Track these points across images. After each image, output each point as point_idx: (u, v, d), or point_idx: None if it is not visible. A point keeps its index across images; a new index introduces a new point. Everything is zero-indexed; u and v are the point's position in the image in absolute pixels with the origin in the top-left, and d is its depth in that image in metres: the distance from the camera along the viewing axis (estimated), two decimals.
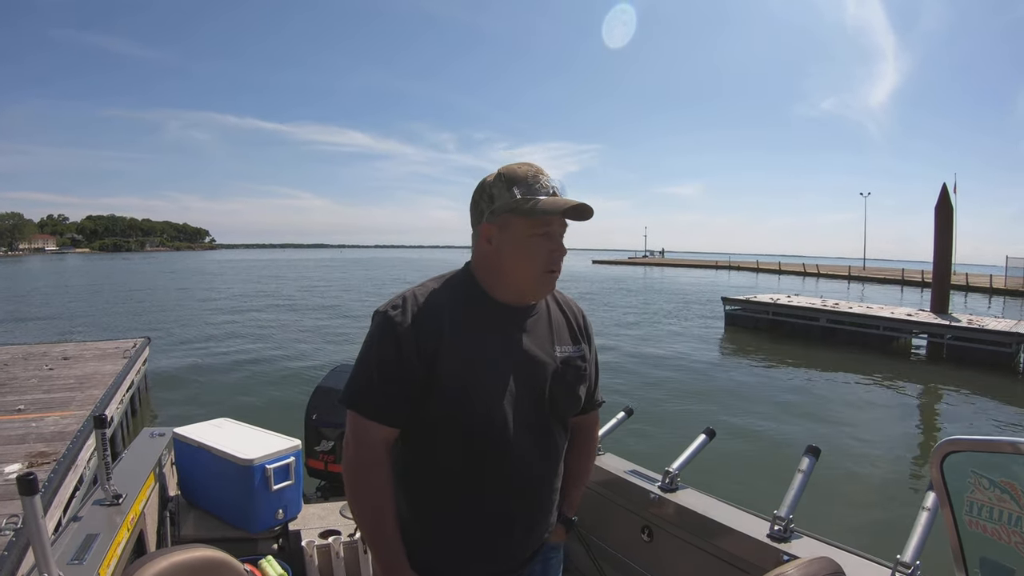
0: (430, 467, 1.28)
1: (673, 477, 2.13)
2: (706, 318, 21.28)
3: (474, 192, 1.33)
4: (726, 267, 65.47)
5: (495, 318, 1.30)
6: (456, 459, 1.25)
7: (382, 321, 1.24)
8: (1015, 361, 13.07)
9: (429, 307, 1.24)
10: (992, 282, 36.10)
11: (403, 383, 1.21)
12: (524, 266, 1.27)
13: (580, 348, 1.40)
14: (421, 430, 1.25)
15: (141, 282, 40.67)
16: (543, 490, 1.34)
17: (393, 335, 1.21)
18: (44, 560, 1.37)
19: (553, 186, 1.27)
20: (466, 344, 1.24)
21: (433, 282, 1.31)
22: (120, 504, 1.99)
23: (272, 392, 10.16)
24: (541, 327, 1.35)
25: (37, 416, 5.70)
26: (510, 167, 1.29)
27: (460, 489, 1.27)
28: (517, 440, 1.26)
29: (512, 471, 1.27)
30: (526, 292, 1.31)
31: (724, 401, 10.06)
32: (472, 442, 1.24)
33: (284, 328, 17.87)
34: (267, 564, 2.30)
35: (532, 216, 1.24)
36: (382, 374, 1.21)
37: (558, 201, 1.25)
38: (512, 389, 1.26)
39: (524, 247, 1.26)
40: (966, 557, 1.01)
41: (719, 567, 1.88)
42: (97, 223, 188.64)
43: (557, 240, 1.28)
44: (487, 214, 1.28)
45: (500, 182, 1.27)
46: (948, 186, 16.87)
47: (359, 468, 1.23)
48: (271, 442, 2.59)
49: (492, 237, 1.28)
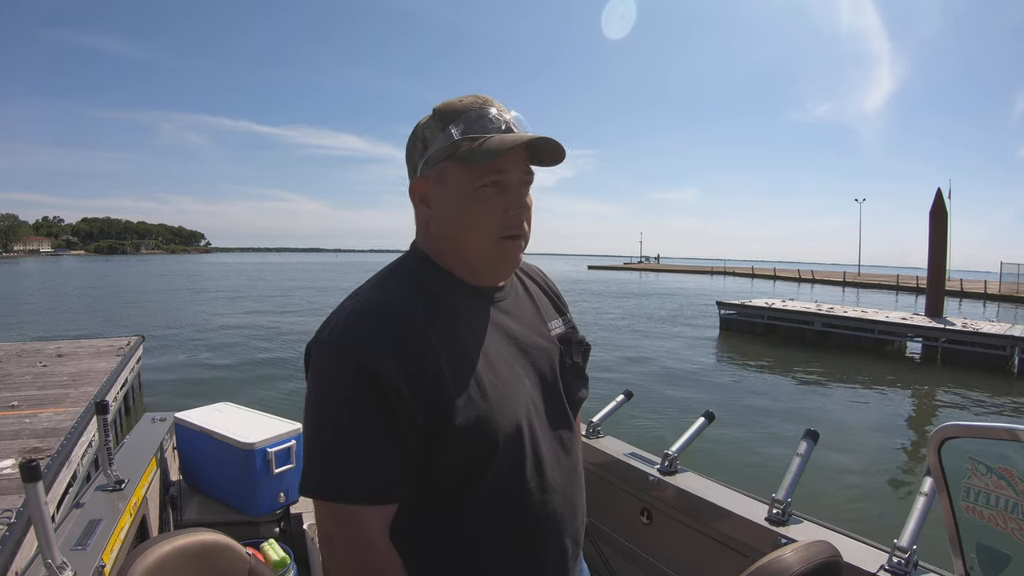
0: (452, 533, 0.90)
1: (672, 460, 2.13)
2: (701, 323, 21.30)
3: (408, 140, 0.99)
4: (721, 273, 65.74)
5: (475, 306, 0.98)
6: (488, 511, 0.90)
7: (340, 357, 0.84)
8: (1009, 364, 13.13)
9: (399, 316, 0.87)
10: (986, 287, 36.33)
11: (402, 437, 0.84)
12: (470, 233, 0.93)
13: (568, 318, 1.15)
14: (426, 490, 0.89)
15: (136, 284, 40.53)
16: (579, 499, 1.04)
17: (367, 373, 0.82)
18: (47, 545, 1.37)
19: (508, 120, 0.93)
20: (464, 350, 0.91)
21: (382, 281, 0.95)
22: (122, 489, 1.99)
23: (271, 381, 10.17)
24: (524, 306, 1.07)
25: (31, 412, 5.64)
26: (448, 101, 0.95)
27: (503, 546, 0.92)
28: (548, 460, 0.97)
29: (555, 497, 0.96)
30: (479, 269, 0.97)
31: (722, 399, 10.02)
32: (505, 483, 0.91)
33: (282, 328, 17.82)
34: (269, 547, 2.29)
35: (474, 161, 0.89)
36: (364, 435, 0.83)
37: (508, 137, 0.90)
38: (529, 395, 0.97)
39: (466, 206, 0.92)
40: (962, 542, 1.02)
41: (717, 549, 1.89)
42: (92, 225, 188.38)
43: (515, 193, 0.93)
44: (420, 165, 0.95)
45: (434, 121, 0.94)
46: (943, 192, 16.97)
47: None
48: (272, 426, 2.58)
49: (428, 196, 0.96)
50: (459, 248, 0.95)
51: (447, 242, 0.96)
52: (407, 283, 0.94)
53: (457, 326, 0.92)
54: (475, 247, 0.94)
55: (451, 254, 0.97)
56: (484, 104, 0.93)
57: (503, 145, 0.88)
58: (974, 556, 1.01)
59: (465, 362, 0.89)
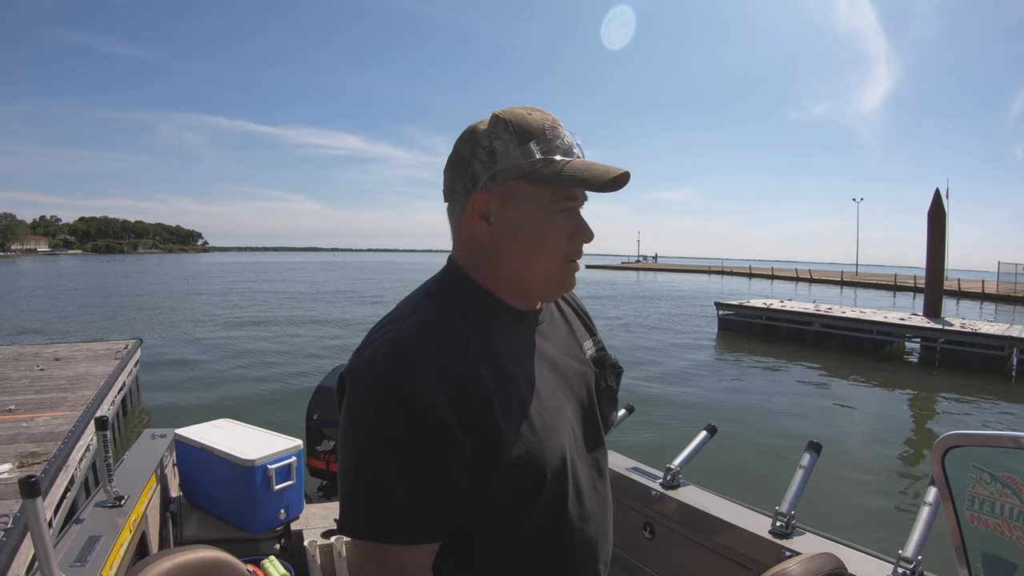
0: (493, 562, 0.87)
1: (675, 474, 2.13)
2: (700, 323, 21.32)
3: (458, 145, 0.91)
4: (719, 272, 65.81)
5: (518, 331, 0.93)
6: (529, 543, 0.88)
7: (382, 391, 0.78)
8: (1008, 365, 13.15)
9: (445, 343, 0.82)
10: (984, 287, 36.44)
11: (448, 475, 0.79)
12: (539, 255, 0.89)
13: (598, 338, 1.11)
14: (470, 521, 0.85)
15: (133, 284, 40.45)
16: (610, 523, 1.03)
17: (410, 407, 0.76)
18: (46, 562, 1.35)
19: (574, 141, 0.90)
20: (512, 382, 0.86)
21: (421, 302, 0.89)
22: (122, 506, 1.98)
23: (270, 392, 10.10)
24: (560, 329, 1.03)
25: (28, 416, 5.62)
26: (515, 112, 0.88)
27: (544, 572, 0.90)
28: (586, 489, 0.95)
29: (592, 526, 0.95)
30: (536, 291, 0.94)
31: (722, 402, 10.08)
32: (548, 515, 0.88)
33: (280, 329, 17.79)
34: (269, 564, 2.28)
35: (556, 185, 0.85)
36: (409, 474, 0.77)
37: (596, 167, 0.86)
38: (570, 423, 0.94)
39: (538, 228, 0.88)
40: (968, 552, 1.01)
41: (721, 564, 1.88)
42: (90, 224, 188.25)
43: (581, 219, 0.92)
44: (485, 179, 0.87)
45: (506, 133, 0.86)
46: (941, 191, 16.99)
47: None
48: (272, 442, 2.57)
49: (491, 213, 0.88)
50: (521, 269, 0.90)
51: (506, 263, 0.90)
52: (449, 304, 0.88)
53: (501, 352, 0.87)
54: (542, 270, 0.90)
55: (505, 275, 0.91)
56: (555, 124, 0.89)
57: (596, 176, 0.85)
58: (980, 566, 1.00)
59: (513, 392, 0.85)
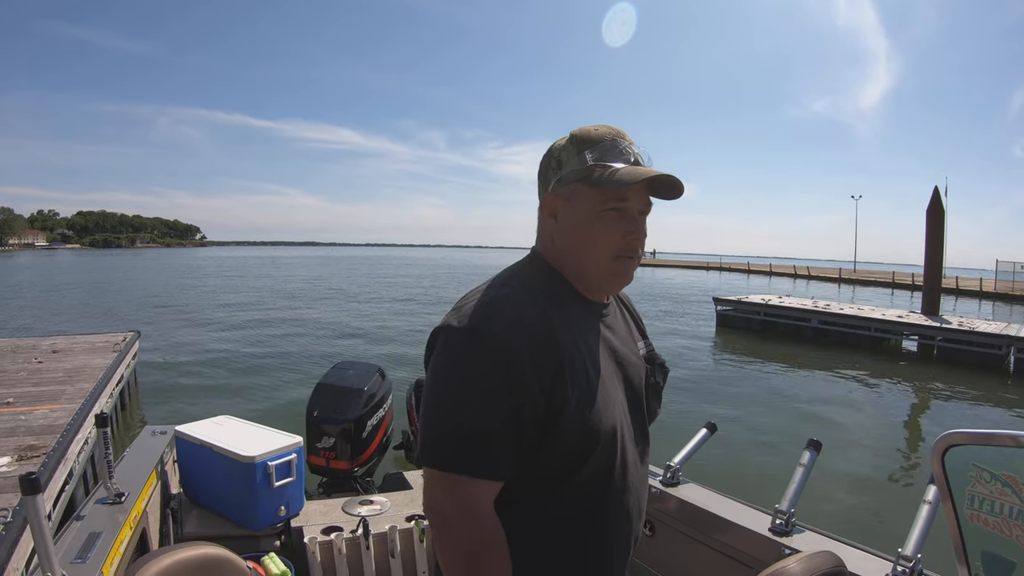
0: (537, 519, 1.01)
1: (675, 471, 2.14)
2: (697, 319, 21.34)
3: (542, 158, 1.11)
4: (717, 268, 65.80)
5: (586, 316, 1.08)
6: (576, 503, 1.01)
7: (474, 341, 0.93)
8: (1005, 363, 13.19)
9: (529, 312, 0.96)
10: (982, 285, 36.49)
11: (522, 421, 0.92)
12: (590, 249, 1.04)
13: (648, 341, 1.25)
14: (527, 476, 0.98)
15: (132, 278, 40.42)
16: (644, 503, 1.15)
17: (501, 359, 0.91)
18: (47, 558, 1.35)
19: (636, 153, 1.04)
20: (580, 354, 1.00)
21: (509, 279, 1.05)
22: (122, 502, 1.98)
23: (270, 387, 10.10)
24: (621, 325, 1.17)
25: (26, 409, 5.61)
26: (584, 128, 1.06)
27: (582, 536, 1.03)
28: (631, 466, 1.08)
29: (630, 499, 1.08)
30: (592, 283, 1.08)
31: (721, 398, 10.10)
32: (596, 482, 1.02)
33: (280, 326, 17.79)
34: (269, 561, 2.29)
35: (603, 187, 1.00)
36: (490, 415, 0.91)
37: (638, 170, 1.01)
38: (624, 405, 1.08)
39: (590, 225, 1.02)
40: (967, 551, 1.02)
41: (721, 561, 1.89)
42: (88, 219, 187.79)
43: (634, 219, 1.04)
44: (553, 183, 1.06)
45: (571, 145, 1.05)
46: (940, 189, 17.00)
47: (478, 549, 0.91)
48: (273, 439, 2.57)
49: (557, 211, 1.07)
50: (577, 261, 1.06)
51: (567, 255, 1.07)
52: (533, 284, 1.04)
53: (573, 332, 1.01)
54: (592, 262, 1.05)
55: (569, 266, 1.07)
56: (617, 136, 1.04)
57: (633, 177, 0.99)
58: (979, 564, 1.01)
59: (580, 366, 0.98)
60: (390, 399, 3.56)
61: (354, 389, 3.33)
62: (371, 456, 3.34)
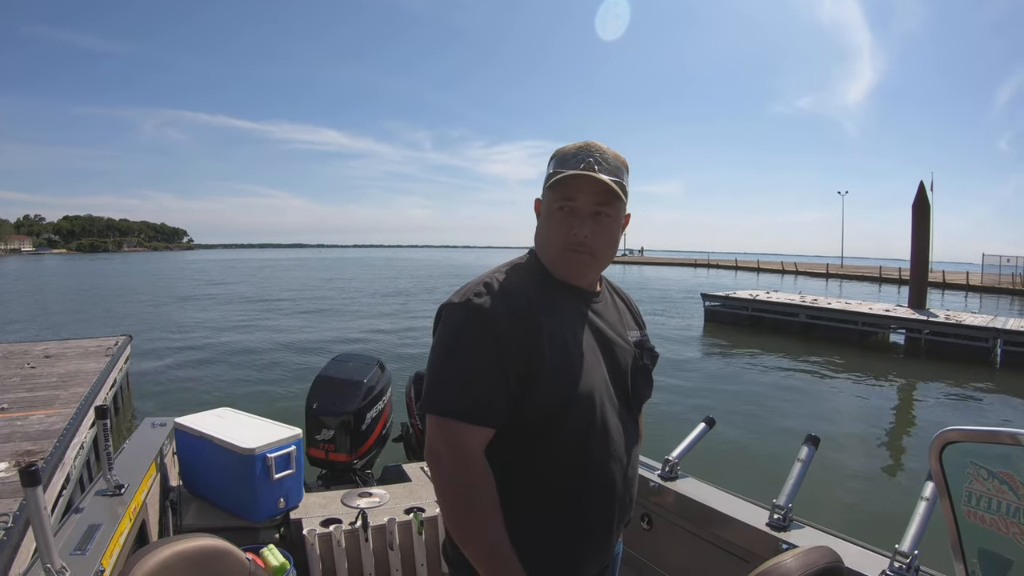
0: (523, 472, 1.15)
1: (673, 465, 2.14)
2: (686, 316, 21.35)
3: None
4: (705, 265, 65.81)
5: (573, 302, 1.24)
6: (556, 458, 1.15)
7: (468, 311, 1.12)
8: (992, 355, 13.38)
9: (515, 291, 1.16)
10: (968, 279, 36.71)
11: (505, 376, 1.10)
12: (547, 243, 1.23)
13: (645, 333, 1.39)
14: (512, 431, 1.13)
15: (121, 282, 40.05)
16: (633, 478, 1.29)
17: (487, 323, 1.10)
18: (47, 550, 1.35)
19: (589, 160, 1.17)
20: (560, 328, 1.16)
21: (504, 266, 1.25)
22: (122, 494, 1.98)
23: (265, 384, 10.08)
24: (612, 313, 1.32)
25: (22, 415, 5.61)
26: (566, 145, 1.24)
27: (563, 491, 1.17)
28: (613, 433, 1.20)
29: (613, 464, 1.20)
30: (555, 271, 1.24)
31: (712, 394, 10.16)
32: (574, 439, 1.15)
33: (280, 323, 17.71)
34: (268, 553, 2.28)
35: (552, 189, 1.19)
36: (477, 368, 1.09)
37: (566, 172, 1.17)
38: (604, 377, 1.22)
39: (547, 222, 1.22)
40: (964, 548, 1.02)
41: (718, 555, 1.90)
42: (74, 223, 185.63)
43: (582, 217, 1.18)
44: (543, 189, 1.25)
45: (551, 157, 1.24)
46: (925, 184, 17.15)
47: (467, 486, 1.07)
48: (272, 431, 2.57)
49: (539, 212, 1.27)
50: (543, 253, 1.25)
51: (539, 248, 1.27)
52: (523, 273, 1.23)
53: (556, 310, 1.18)
54: (550, 254, 1.23)
55: (542, 258, 1.25)
56: (583, 148, 1.19)
57: (562, 177, 1.17)
58: (976, 561, 1.00)
59: (559, 337, 1.15)
60: (389, 392, 3.54)
61: (353, 381, 3.32)
62: (370, 448, 3.32)
